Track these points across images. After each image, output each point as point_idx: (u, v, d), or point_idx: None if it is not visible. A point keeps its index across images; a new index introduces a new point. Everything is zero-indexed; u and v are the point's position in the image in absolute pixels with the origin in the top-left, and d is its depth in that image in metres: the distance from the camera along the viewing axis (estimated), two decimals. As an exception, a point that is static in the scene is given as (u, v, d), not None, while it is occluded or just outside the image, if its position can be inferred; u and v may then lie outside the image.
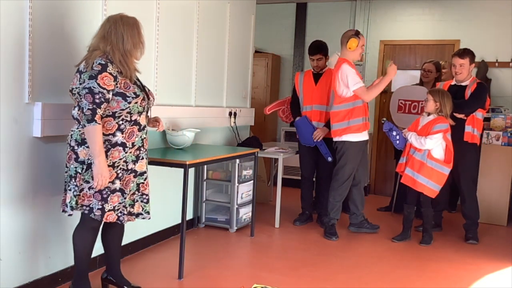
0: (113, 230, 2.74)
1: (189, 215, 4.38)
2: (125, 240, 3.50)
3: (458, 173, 4.33)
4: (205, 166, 4.41)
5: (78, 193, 2.44)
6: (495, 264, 3.81)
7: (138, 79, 2.63)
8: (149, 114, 2.72)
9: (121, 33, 2.45)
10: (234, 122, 4.96)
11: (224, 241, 4.08)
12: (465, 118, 4.26)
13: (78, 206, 2.45)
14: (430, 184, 4.03)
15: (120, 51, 2.44)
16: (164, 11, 3.69)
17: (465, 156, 4.23)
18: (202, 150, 3.89)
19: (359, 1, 6.68)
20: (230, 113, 4.88)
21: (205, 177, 4.46)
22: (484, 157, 4.49)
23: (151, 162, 3.15)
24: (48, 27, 2.68)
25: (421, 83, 5.26)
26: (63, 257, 2.93)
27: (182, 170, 3.12)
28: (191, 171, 4.36)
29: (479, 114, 4.31)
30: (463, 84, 4.35)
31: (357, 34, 4.21)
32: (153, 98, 2.71)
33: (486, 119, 4.69)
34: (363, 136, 4.24)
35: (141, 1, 3.45)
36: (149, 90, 2.67)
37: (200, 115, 4.32)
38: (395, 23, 6.50)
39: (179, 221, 3.29)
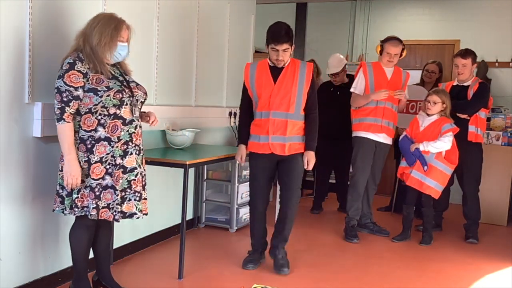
0: (102, 231, 2.70)
1: (189, 215, 4.38)
2: (125, 240, 3.51)
3: (461, 173, 4.33)
4: (205, 166, 4.40)
5: (68, 192, 2.45)
6: (495, 264, 3.81)
7: (122, 75, 2.58)
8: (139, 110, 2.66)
9: (95, 29, 2.46)
10: (234, 122, 4.95)
11: (224, 241, 4.08)
12: (469, 118, 4.26)
13: (78, 209, 2.45)
14: (437, 187, 4.03)
15: (90, 45, 2.45)
16: (164, 11, 3.69)
17: (469, 156, 4.22)
18: (202, 150, 3.89)
19: (359, 1, 6.68)
20: (230, 113, 4.87)
21: (205, 177, 4.46)
22: (484, 157, 4.49)
23: (151, 162, 3.15)
24: (48, 27, 2.68)
25: (422, 83, 5.24)
26: (63, 257, 2.92)
27: (182, 170, 3.12)
28: (191, 171, 4.36)
29: (482, 114, 4.31)
30: (466, 84, 4.35)
31: (385, 40, 4.21)
32: (144, 93, 2.64)
33: (487, 119, 4.69)
34: (375, 136, 4.19)
35: (141, 1, 3.45)
36: (137, 85, 2.62)
37: (200, 115, 4.32)
38: (395, 23, 6.50)
39: (179, 221, 3.29)
